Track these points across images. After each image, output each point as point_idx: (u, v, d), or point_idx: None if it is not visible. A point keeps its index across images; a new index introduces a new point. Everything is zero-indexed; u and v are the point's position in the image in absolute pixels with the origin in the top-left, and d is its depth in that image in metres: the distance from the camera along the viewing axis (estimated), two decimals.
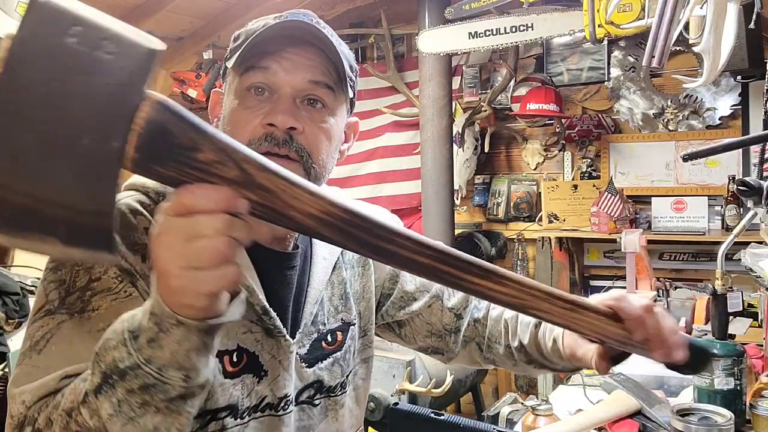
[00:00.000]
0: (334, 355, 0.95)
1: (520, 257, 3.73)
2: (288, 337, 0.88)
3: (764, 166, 1.89)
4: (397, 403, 1.02)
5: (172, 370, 0.58)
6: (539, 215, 3.69)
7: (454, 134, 3.46)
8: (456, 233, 3.51)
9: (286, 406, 0.88)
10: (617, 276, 3.33)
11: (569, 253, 3.56)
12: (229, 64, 0.87)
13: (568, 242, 3.54)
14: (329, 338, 0.95)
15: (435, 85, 3.31)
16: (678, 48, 3.01)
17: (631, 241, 2.31)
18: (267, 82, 0.84)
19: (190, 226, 0.53)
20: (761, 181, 1.46)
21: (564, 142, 3.60)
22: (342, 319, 0.98)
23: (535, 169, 3.78)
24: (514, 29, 2.72)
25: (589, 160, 3.56)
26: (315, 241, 0.97)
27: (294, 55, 0.84)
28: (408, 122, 3.85)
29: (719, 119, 3.23)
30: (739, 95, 3.15)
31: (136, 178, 0.83)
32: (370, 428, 2.90)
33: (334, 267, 0.97)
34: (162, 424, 0.60)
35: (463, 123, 3.62)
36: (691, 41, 1.61)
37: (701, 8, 1.52)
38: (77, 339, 0.71)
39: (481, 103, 3.66)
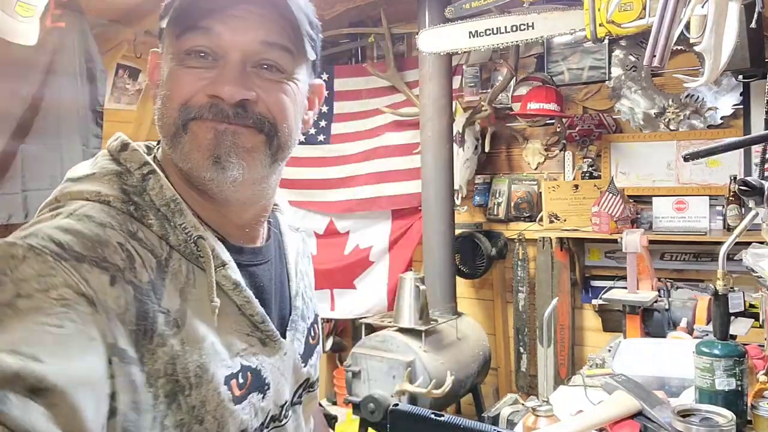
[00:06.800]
0: (316, 350, 0.90)
1: (520, 257, 3.73)
2: (280, 338, 0.80)
3: (765, 166, 1.89)
4: (397, 404, 1.01)
5: None
6: (540, 215, 3.68)
7: (454, 134, 3.45)
8: (456, 233, 3.50)
9: (287, 413, 0.82)
10: (618, 276, 3.31)
11: (570, 253, 3.55)
12: (164, 23, 0.72)
13: (569, 242, 3.53)
14: (312, 333, 0.89)
15: (435, 84, 3.31)
16: (679, 47, 3.00)
17: (632, 241, 2.30)
18: (211, 46, 0.70)
19: None
20: (763, 181, 1.45)
21: (565, 141, 3.60)
22: (314, 311, 0.92)
23: (535, 169, 3.77)
24: (514, 28, 2.71)
25: (590, 160, 3.55)
26: (283, 226, 0.89)
27: (241, 12, 0.70)
28: (408, 122, 3.84)
29: (720, 119, 3.22)
30: (741, 95, 3.14)
31: (83, 186, 0.70)
32: (370, 429, 2.89)
33: (298, 257, 0.91)
34: None
35: (464, 122, 3.61)
36: (692, 40, 1.60)
37: (702, 7, 1.52)
38: None
39: (482, 103, 3.65)
